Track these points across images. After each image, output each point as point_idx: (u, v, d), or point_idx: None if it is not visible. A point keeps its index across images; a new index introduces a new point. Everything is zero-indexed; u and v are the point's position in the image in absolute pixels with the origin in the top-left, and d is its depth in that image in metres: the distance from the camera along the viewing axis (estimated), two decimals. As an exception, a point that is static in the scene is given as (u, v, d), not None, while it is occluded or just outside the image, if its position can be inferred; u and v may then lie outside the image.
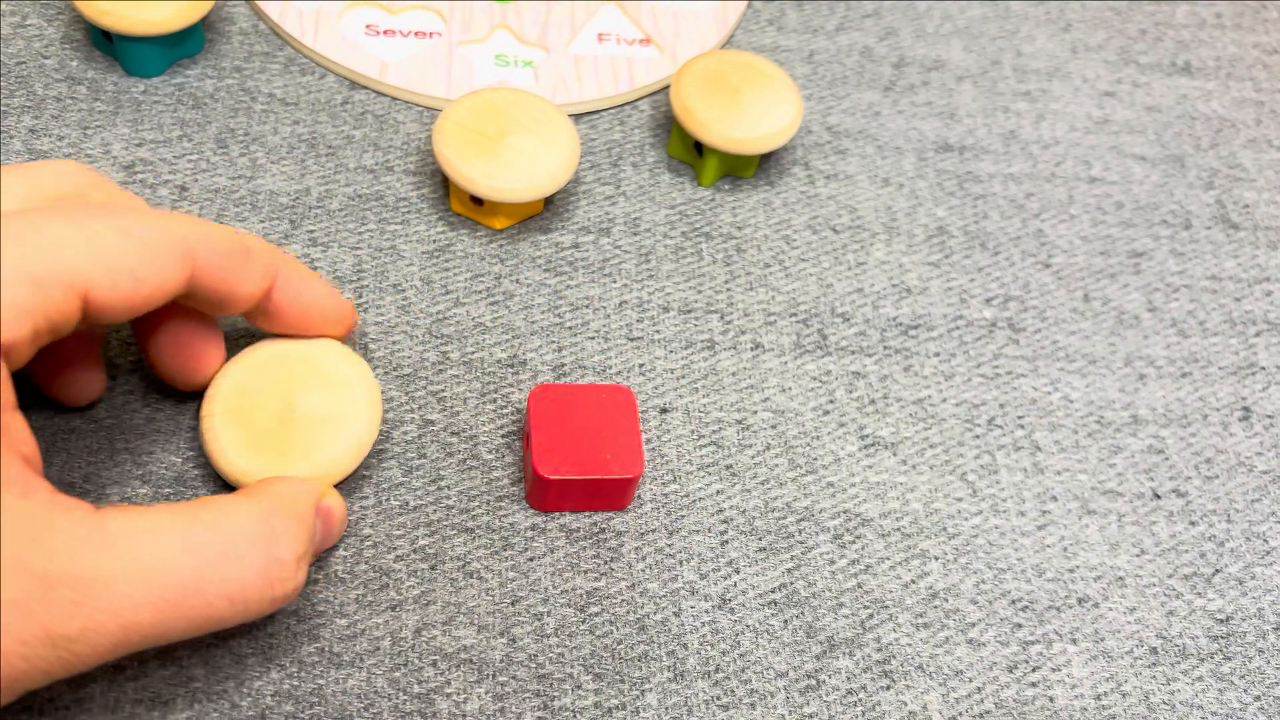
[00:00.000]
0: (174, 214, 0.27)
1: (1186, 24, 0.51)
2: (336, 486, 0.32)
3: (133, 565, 0.23)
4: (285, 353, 0.31)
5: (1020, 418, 0.37)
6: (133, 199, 0.29)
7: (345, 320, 0.32)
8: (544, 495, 0.32)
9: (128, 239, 0.25)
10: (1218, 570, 0.35)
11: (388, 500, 0.32)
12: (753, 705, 0.30)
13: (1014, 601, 0.33)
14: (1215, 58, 0.50)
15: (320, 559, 0.31)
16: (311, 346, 0.32)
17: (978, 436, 0.36)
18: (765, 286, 0.39)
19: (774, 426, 0.35)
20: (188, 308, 0.30)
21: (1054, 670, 0.32)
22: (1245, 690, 0.33)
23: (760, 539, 0.33)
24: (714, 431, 0.35)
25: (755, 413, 0.36)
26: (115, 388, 0.33)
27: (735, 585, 0.32)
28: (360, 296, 0.36)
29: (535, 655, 0.30)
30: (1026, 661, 0.32)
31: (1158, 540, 0.35)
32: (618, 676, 0.30)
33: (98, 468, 0.31)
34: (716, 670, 0.30)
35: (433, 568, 0.31)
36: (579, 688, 0.30)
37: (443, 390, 0.34)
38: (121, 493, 0.31)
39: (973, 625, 0.32)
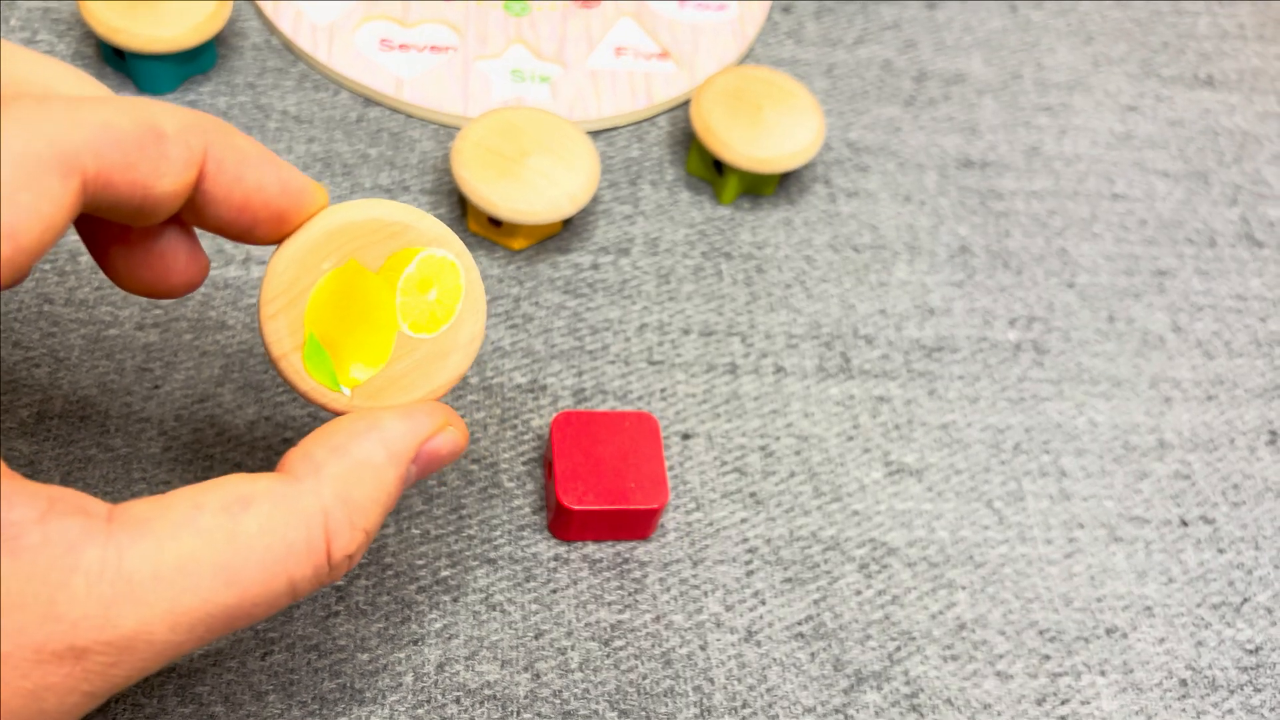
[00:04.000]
0: (40, 104, 0.19)
1: (1209, 35, 0.50)
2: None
3: (168, 615, 0.20)
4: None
5: (1046, 442, 0.37)
6: None
7: (303, 211, 0.23)
8: (567, 525, 0.32)
9: None
10: (1246, 599, 0.34)
11: (409, 529, 0.32)
12: (780, 741, 0.30)
13: (1042, 632, 0.33)
14: (1238, 70, 0.49)
15: (342, 590, 0.30)
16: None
17: (1004, 462, 0.36)
18: (787, 308, 0.38)
19: (798, 453, 0.35)
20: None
21: (1083, 703, 0.32)
22: (1276, 723, 0.32)
23: (786, 569, 0.33)
24: (737, 458, 0.35)
25: (779, 438, 0.35)
26: (130, 414, 0.32)
27: (761, 617, 0.32)
28: (378, 320, 0.35)
29: (560, 691, 0.29)
30: (1055, 694, 0.32)
31: (1186, 568, 0.35)
32: (643, 713, 0.29)
33: (114, 499, 0.31)
34: (744, 706, 0.30)
35: (455, 600, 0.31)
36: (604, 724, 0.29)
37: (462, 416, 0.34)
38: (139, 524, 0.30)
39: (1001, 657, 0.32)
